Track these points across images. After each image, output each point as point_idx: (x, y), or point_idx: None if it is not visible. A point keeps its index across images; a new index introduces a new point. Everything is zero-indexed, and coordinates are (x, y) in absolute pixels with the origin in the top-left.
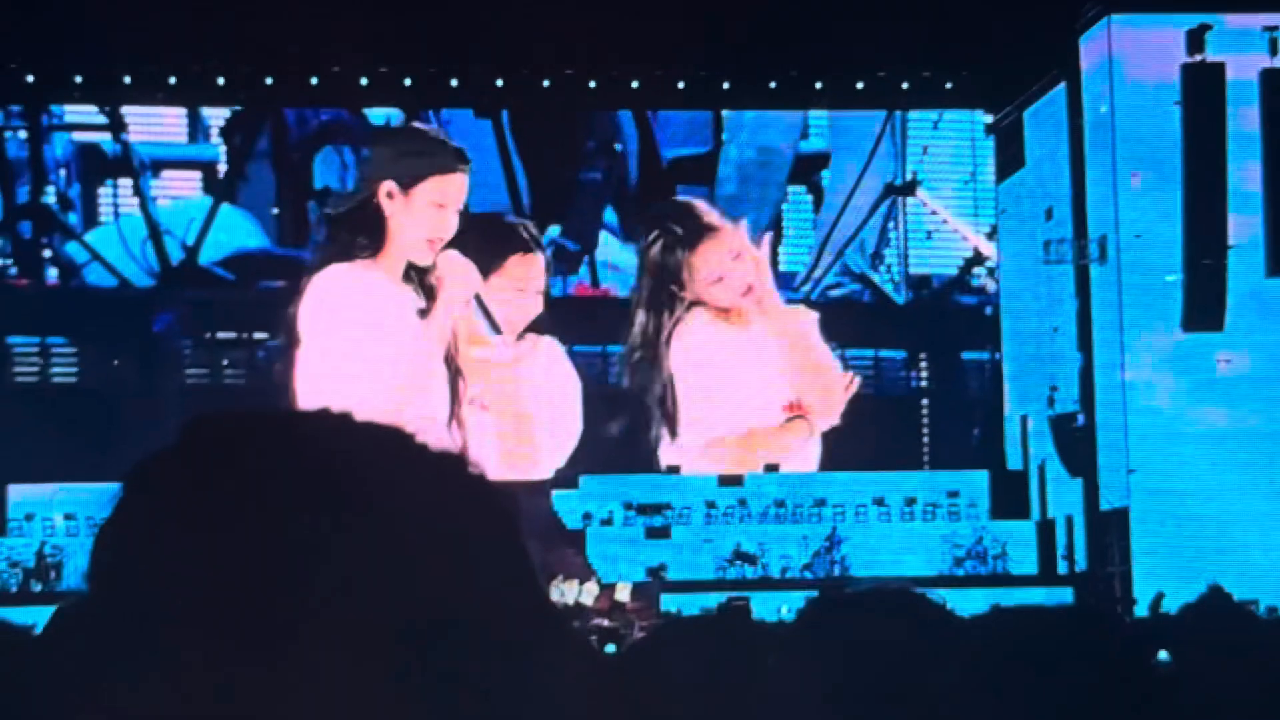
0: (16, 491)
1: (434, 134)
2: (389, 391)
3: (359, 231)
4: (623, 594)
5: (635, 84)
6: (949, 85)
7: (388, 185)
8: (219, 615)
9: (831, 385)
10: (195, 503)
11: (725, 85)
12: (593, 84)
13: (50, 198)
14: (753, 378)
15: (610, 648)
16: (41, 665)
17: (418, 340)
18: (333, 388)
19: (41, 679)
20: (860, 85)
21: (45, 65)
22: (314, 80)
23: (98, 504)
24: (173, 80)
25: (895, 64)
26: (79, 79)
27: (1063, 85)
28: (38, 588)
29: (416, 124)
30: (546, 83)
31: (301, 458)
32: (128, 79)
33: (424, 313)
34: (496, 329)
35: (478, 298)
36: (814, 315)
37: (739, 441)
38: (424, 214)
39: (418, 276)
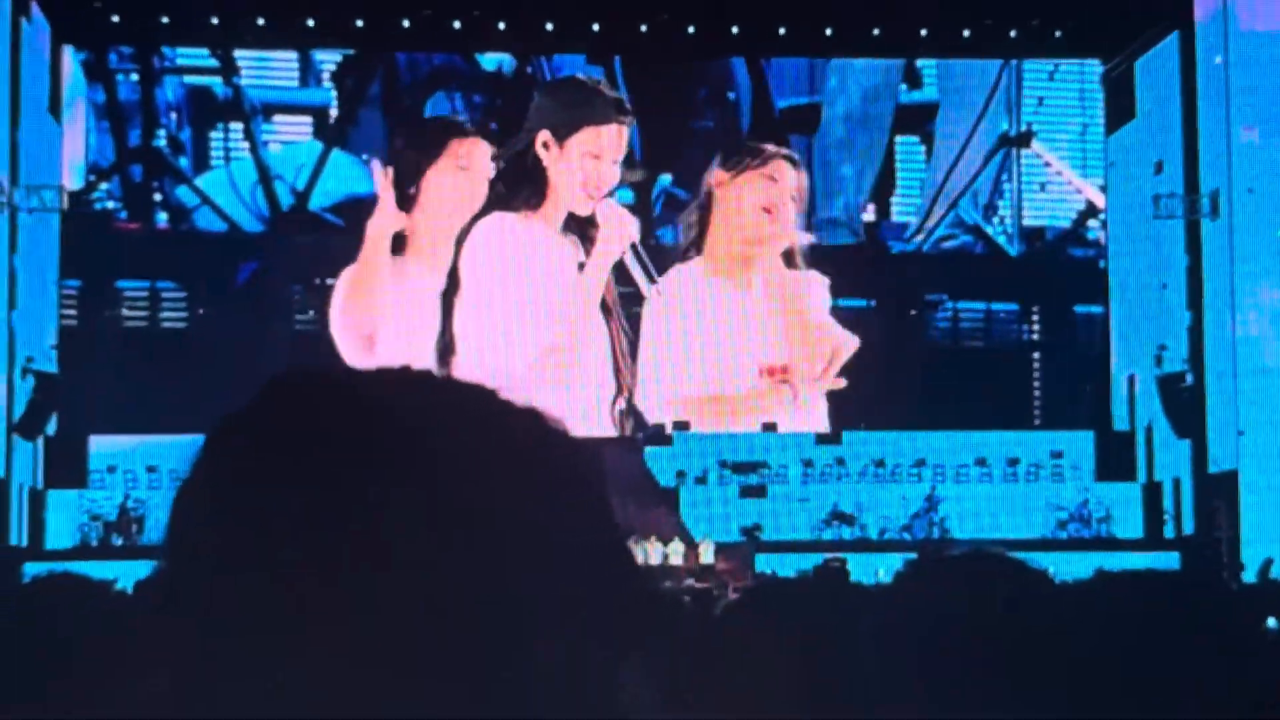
0: (97, 443)
1: (592, 84)
2: (549, 340)
3: (520, 182)
4: (706, 554)
5: (735, 30)
6: (1058, 34)
7: (543, 136)
8: (296, 580)
9: (820, 350)
10: (272, 465)
11: (828, 32)
12: (691, 29)
13: (161, 141)
14: (739, 338)
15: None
16: (123, 629)
17: (577, 290)
18: (492, 335)
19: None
20: (967, 33)
21: (156, 7)
22: (405, 23)
23: (179, 456)
24: (277, 23)
25: (1003, 11)
26: (190, 22)
27: (1175, 34)
28: (119, 541)
29: (579, 75)
30: (644, 27)
31: (378, 418)
32: (237, 23)
33: (583, 266)
34: (651, 279)
35: (634, 247)
36: (825, 280)
37: (704, 402)
38: (579, 165)
39: (577, 227)
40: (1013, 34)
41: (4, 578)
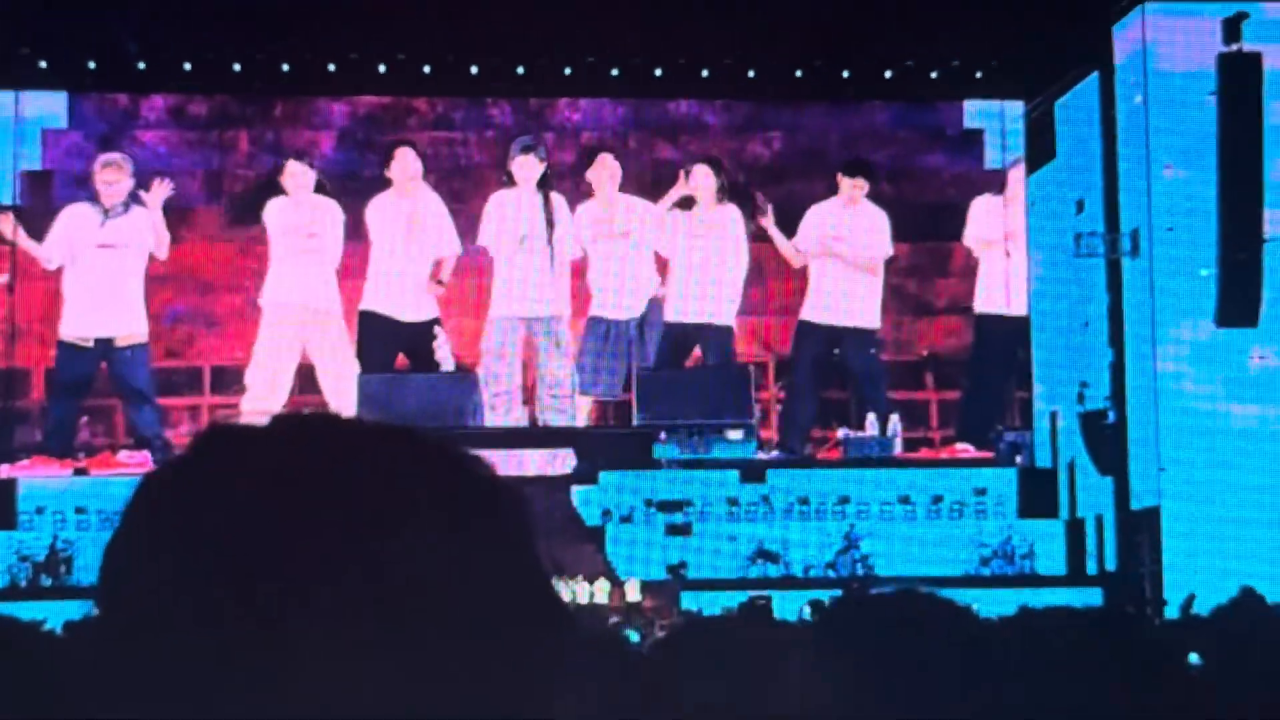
0: (26, 484)
1: None
2: None
3: None
4: (632, 593)
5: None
6: (978, 75)
7: None
8: (222, 626)
9: None
10: (201, 513)
11: (750, 74)
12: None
13: None
14: None
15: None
16: (55, 670)
17: None
18: None
19: (55, 683)
20: (889, 74)
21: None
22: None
23: (108, 497)
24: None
25: (924, 53)
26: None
27: (1095, 75)
28: (48, 582)
29: None
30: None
31: (308, 465)
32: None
33: None
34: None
35: None
36: None
37: None
38: None
39: None
40: (933, 75)
41: None
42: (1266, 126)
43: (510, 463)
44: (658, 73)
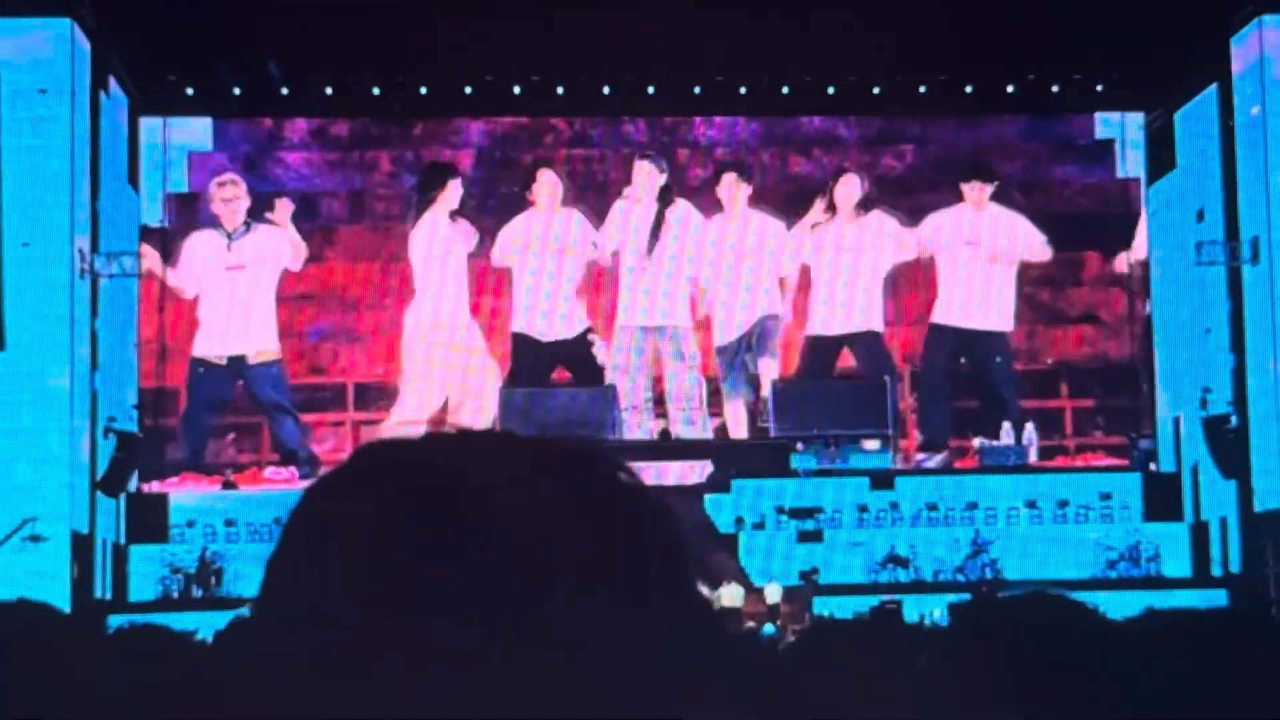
0: (177, 498)
1: None
2: None
3: None
4: (773, 596)
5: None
6: (1099, 88)
7: None
8: (373, 634)
9: None
10: (354, 527)
11: (875, 90)
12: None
13: None
14: None
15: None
16: (211, 679)
17: None
18: None
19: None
20: (1011, 89)
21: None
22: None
23: (256, 511)
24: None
25: (1046, 67)
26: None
27: (1214, 87)
28: (199, 593)
29: None
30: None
31: (462, 485)
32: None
33: None
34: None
35: None
36: None
37: None
38: None
39: None
40: (1055, 89)
41: (90, 629)
42: None
43: (648, 474)
44: (785, 90)
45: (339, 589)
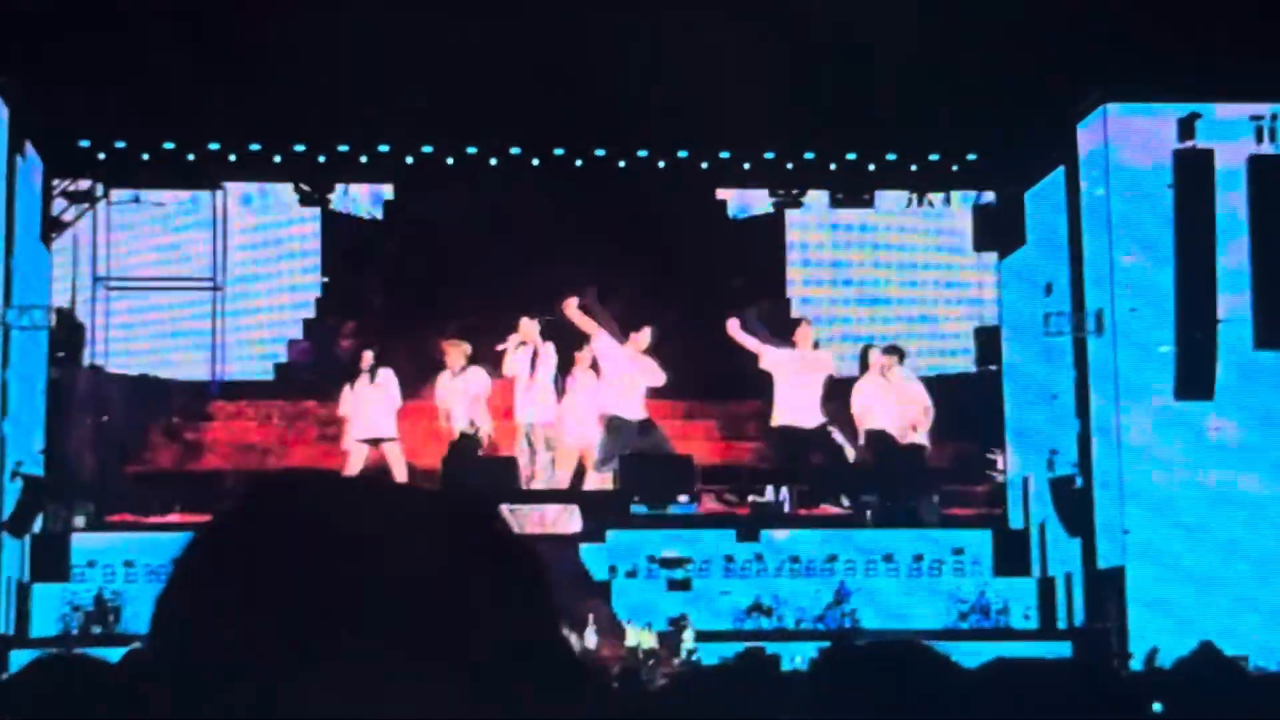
0: (79, 539)
1: None
2: None
3: None
4: (643, 641)
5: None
6: (955, 169)
7: None
8: (262, 668)
9: None
10: (246, 567)
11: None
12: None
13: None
14: None
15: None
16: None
17: None
18: None
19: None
20: (872, 168)
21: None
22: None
23: (154, 551)
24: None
25: (907, 147)
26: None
27: (1061, 169)
28: (98, 630)
29: None
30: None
31: (344, 523)
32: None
33: None
34: None
35: None
36: None
37: None
38: None
39: None
40: (913, 168)
41: None
42: (1218, 217)
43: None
44: None
45: (220, 627)
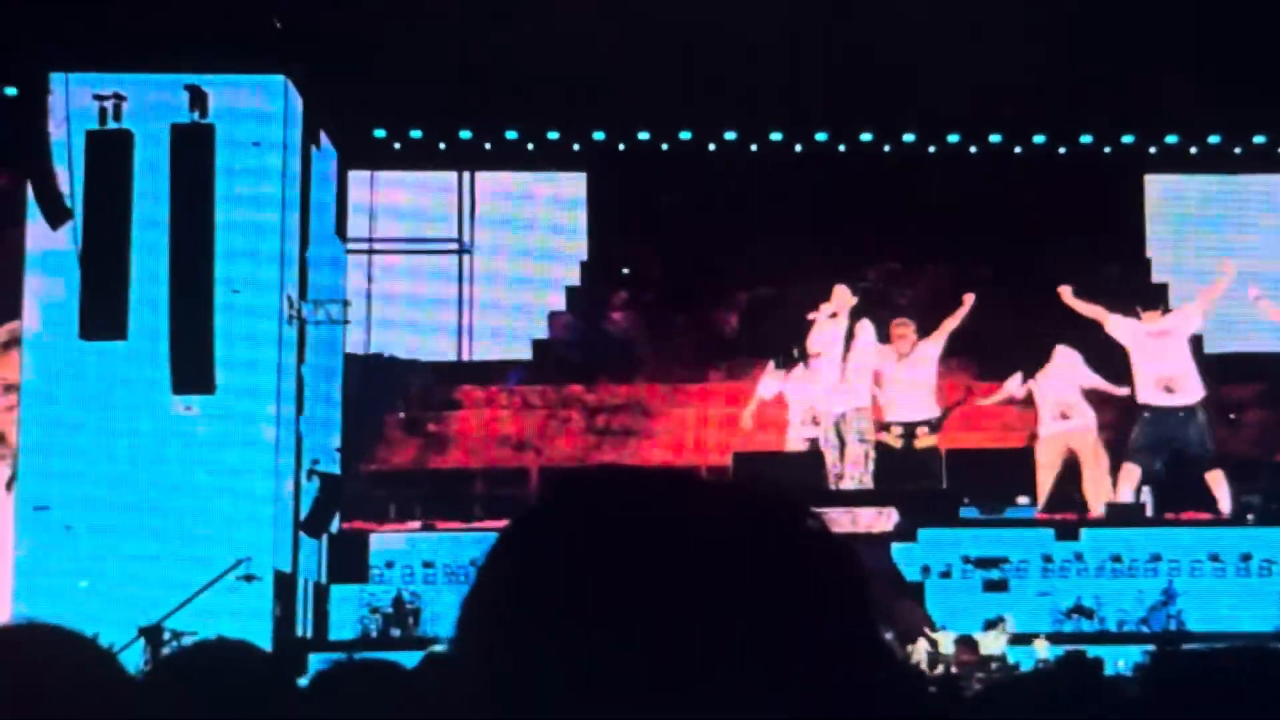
0: (377, 540)
1: None
2: None
3: None
4: (948, 646)
5: None
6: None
7: None
8: (583, 677)
9: None
10: (559, 564)
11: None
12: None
13: None
14: None
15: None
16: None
17: None
18: None
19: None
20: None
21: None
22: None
23: (453, 552)
24: None
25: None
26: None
27: None
28: (397, 633)
29: None
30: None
31: (652, 523)
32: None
33: None
34: None
35: None
36: None
37: None
38: None
39: None
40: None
41: (291, 668)
42: None
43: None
44: None
45: (535, 627)
